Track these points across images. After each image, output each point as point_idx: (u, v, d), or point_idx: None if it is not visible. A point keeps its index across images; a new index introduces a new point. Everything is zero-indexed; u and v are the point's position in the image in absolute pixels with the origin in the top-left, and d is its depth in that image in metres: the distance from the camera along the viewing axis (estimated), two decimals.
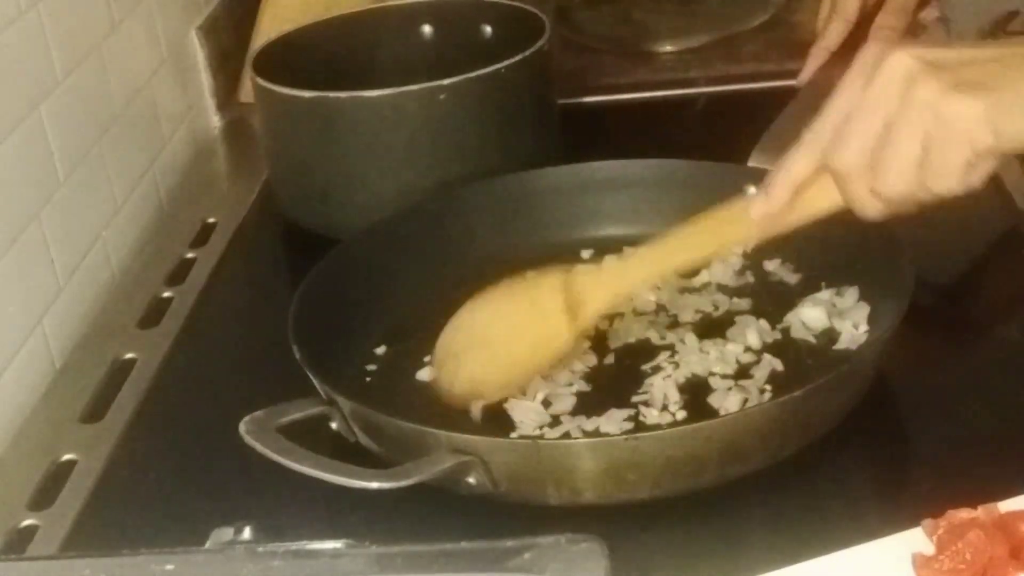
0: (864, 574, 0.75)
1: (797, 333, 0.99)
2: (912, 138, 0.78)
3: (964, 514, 0.76)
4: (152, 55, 1.35)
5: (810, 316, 0.99)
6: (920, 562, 0.74)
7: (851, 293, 1.00)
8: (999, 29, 1.35)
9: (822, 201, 0.84)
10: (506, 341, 0.93)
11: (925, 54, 0.78)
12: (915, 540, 0.76)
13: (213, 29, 1.48)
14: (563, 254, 1.11)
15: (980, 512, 0.76)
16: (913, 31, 1.32)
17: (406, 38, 1.33)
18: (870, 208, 0.82)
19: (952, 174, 0.78)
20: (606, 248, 1.11)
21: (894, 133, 0.78)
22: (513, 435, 0.91)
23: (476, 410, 0.92)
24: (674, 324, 1.02)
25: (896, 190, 0.80)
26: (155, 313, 1.14)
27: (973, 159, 0.78)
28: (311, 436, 0.87)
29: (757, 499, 0.85)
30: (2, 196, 1.03)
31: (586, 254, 1.11)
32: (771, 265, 1.07)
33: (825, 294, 1.01)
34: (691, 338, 0.99)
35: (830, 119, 0.82)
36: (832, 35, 1.31)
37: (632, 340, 1.00)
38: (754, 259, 1.07)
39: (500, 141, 1.18)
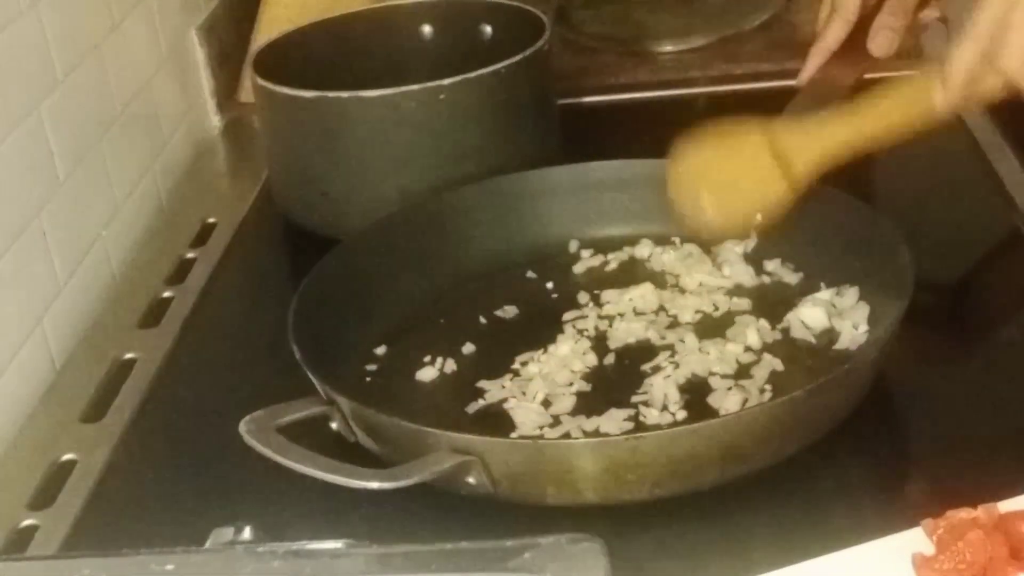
0: (864, 574, 0.75)
1: (797, 333, 0.99)
2: None
3: (964, 514, 0.76)
4: (152, 55, 1.35)
5: (810, 316, 0.99)
6: (920, 562, 0.74)
7: (851, 293, 1.00)
8: None
9: (992, 90, 0.92)
10: (732, 187, 1.03)
11: None
12: (915, 540, 0.76)
13: (213, 29, 1.48)
14: (563, 254, 1.12)
15: (980, 512, 0.76)
16: (913, 31, 1.32)
17: (406, 38, 1.33)
18: None
19: None
20: (606, 248, 1.11)
21: None
22: (513, 435, 0.91)
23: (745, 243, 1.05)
24: (674, 324, 1.02)
25: None
26: (155, 313, 1.13)
27: None
28: (311, 436, 0.87)
29: (757, 499, 0.85)
30: (2, 196, 1.03)
31: (586, 254, 1.11)
32: (771, 265, 1.07)
33: (825, 294, 1.01)
34: (691, 338, 0.99)
35: (987, 20, 0.88)
36: (832, 35, 1.30)
37: (632, 340, 1.00)
38: (754, 259, 1.07)
39: (500, 141, 1.18)
